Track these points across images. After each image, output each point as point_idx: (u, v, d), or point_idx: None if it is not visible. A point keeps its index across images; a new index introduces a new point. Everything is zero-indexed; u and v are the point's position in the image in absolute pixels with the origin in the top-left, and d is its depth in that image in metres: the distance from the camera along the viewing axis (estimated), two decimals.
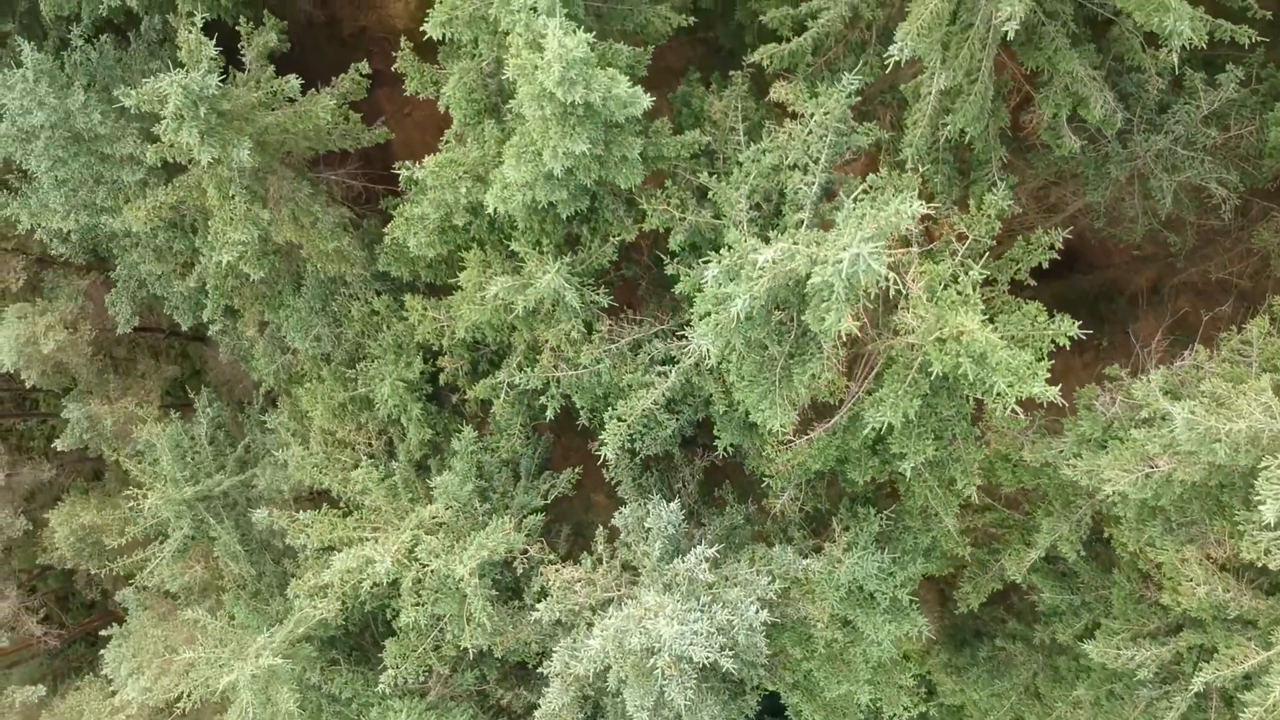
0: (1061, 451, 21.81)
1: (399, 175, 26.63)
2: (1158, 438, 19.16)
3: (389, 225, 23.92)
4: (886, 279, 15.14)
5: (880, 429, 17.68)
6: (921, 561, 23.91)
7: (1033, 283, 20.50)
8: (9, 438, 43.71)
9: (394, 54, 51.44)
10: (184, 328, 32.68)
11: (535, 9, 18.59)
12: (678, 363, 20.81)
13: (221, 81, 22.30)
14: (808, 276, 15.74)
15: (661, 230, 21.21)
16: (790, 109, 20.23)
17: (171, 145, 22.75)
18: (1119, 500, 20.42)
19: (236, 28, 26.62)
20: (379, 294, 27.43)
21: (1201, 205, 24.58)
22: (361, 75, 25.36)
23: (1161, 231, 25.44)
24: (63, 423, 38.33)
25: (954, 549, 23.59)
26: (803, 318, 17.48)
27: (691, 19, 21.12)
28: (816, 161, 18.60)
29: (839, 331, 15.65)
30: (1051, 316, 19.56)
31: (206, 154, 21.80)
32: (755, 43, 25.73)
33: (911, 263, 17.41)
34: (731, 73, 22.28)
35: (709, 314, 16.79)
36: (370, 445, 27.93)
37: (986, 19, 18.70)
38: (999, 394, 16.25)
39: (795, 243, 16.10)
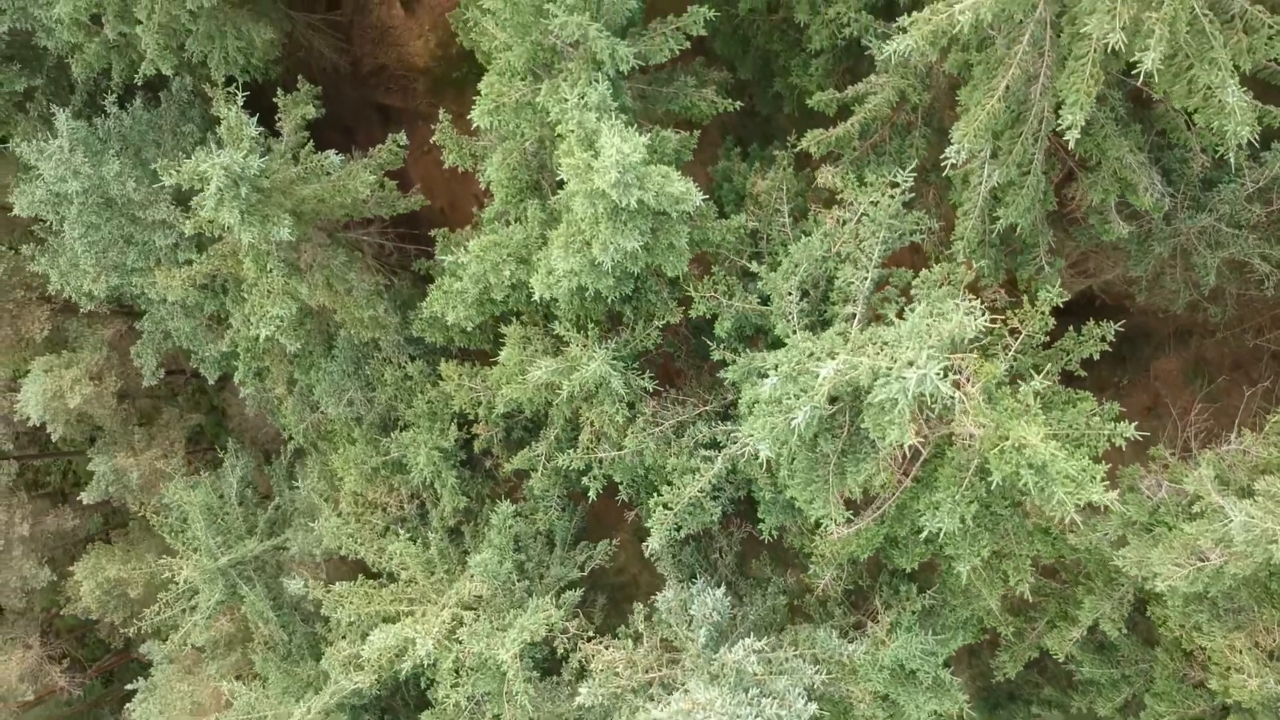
0: (1106, 534, 21.67)
1: (433, 238, 26.65)
2: (1210, 532, 19.01)
3: (427, 300, 23.77)
4: (952, 397, 15.00)
5: (937, 534, 17.54)
6: (961, 634, 23.81)
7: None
8: (28, 475, 43.69)
9: (413, 90, 51.05)
10: (210, 381, 32.60)
11: (587, 104, 18.50)
12: (723, 448, 20.67)
13: (261, 152, 22.21)
14: (868, 389, 15.62)
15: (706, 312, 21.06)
16: (839, 197, 20.11)
17: (210, 221, 22.62)
18: (1167, 591, 20.27)
19: (268, 88, 26.58)
20: (412, 359, 27.30)
21: (1243, 278, 24.45)
22: (399, 146, 25.20)
23: (1202, 301, 25.30)
24: (84, 463, 38.28)
25: (996, 626, 23.45)
26: (860, 421, 17.36)
27: (738, 104, 20.98)
28: (869, 257, 18.46)
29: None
30: (1100, 402, 19.57)
31: (248, 234, 21.66)
32: (795, 113, 25.68)
33: (968, 364, 17.27)
34: (776, 152, 22.15)
35: (763, 416, 16.65)
36: (402, 508, 27.80)
37: (1040, 114, 18.61)
38: (1059, 502, 16.13)
39: (856, 354, 15.96)
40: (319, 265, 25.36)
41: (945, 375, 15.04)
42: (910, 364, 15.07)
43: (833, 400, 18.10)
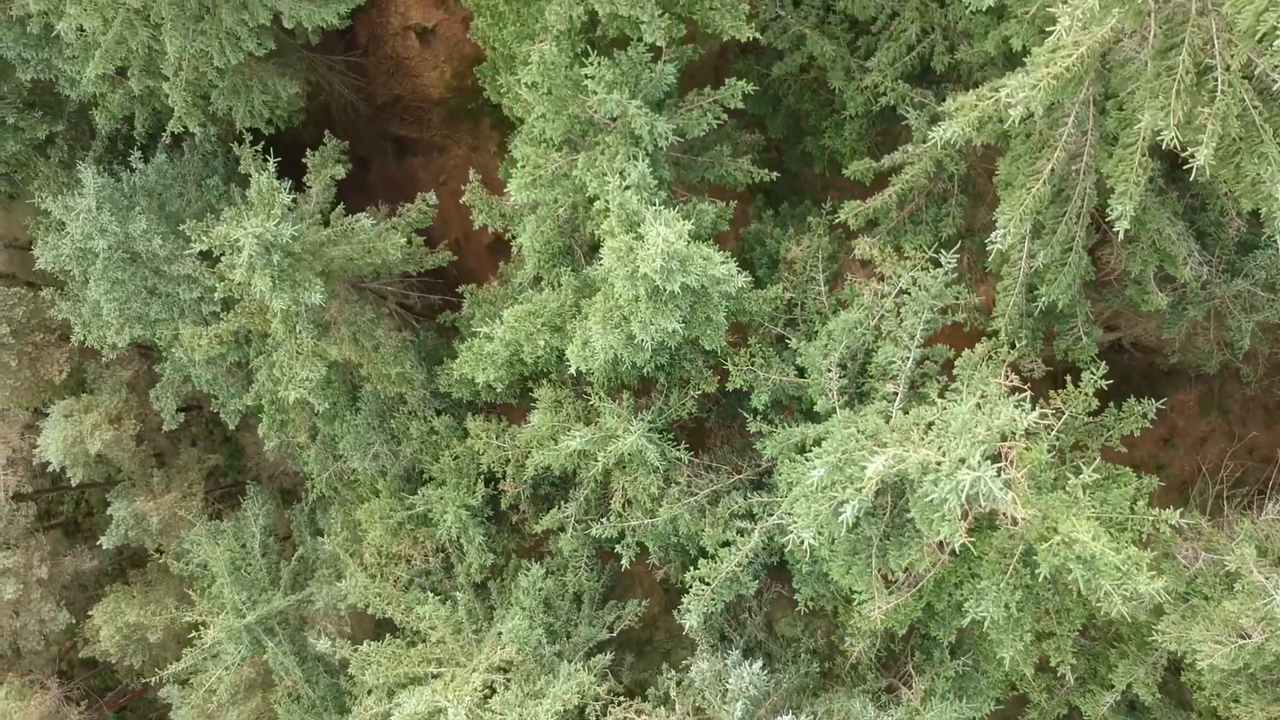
0: (1143, 603, 21.53)
1: (460, 294, 26.51)
2: (1252, 610, 18.91)
3: (457, 361, 23.64)
4: (1004, 498, 14.88)
5: (982, 621, 17.42)
6: (992, 697, 23.70)
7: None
8: (41, 505, 43.50)
9: (428, 121, 50.93)
10: (231, 426, 32.44)
11: (627, 183, 18.38)
12: (758, 518, 20.56)
13: (292, 219, 22.07)
14: (917, 482, 15.51)
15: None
16: (876, 269, 20.00)
17: (240, 285, 22.48)
18: (1207, 667, 20.15)
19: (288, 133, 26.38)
20: (438, 413, 27.17)
21: (1277, 340, 24.34)
22: (428, 205, 25.05)
23: (1234, 361, 25.20)
24: (97, 493, 38.14)
25: (1030, 692, 23.33)
26: (903, 503, 17.26)
27: (774, 174, 20.85)
28: (912, 337, 18.35)
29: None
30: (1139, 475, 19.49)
31: (279, 301, 21.53)
32: (825, 173, 25.56)
33: (1012, 449, 17.15)
34: (810, 219, 22.03)
35: (807, 503, 16.53)
36: (427, 561, 27.67)
37: (1082, 192, 18.50)
38: (1106, 594, 16.03)
39: (903, 445, 15.85)
40: (345, 321, 25.24)
41: (994, 466, 14.92)
42: (961, 461, 14.96)
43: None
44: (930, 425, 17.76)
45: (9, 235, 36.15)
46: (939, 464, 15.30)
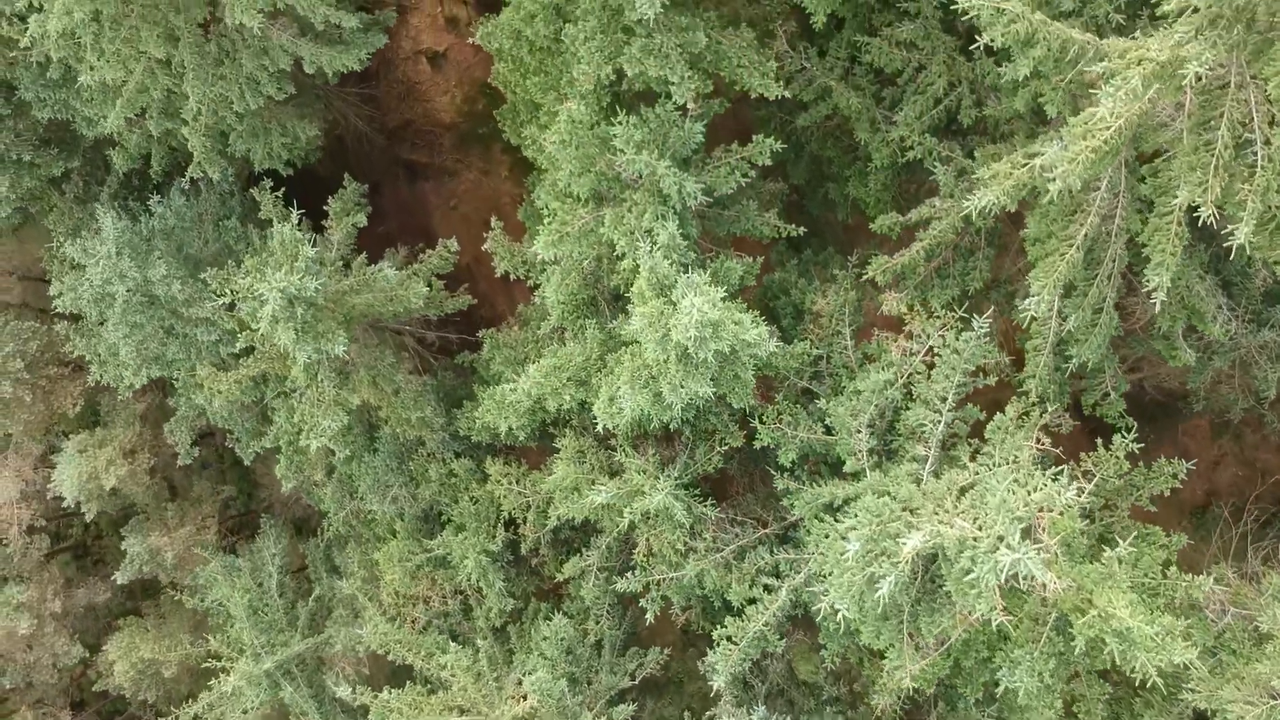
0: (1171, 658, 21.42)
1: (480, 339, 26.39)
2: None
3: (480, 410, 23.54)
4: (1044, 577, 14.78)
5: (1015, 689, 17.33)
6: None
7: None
8: (50, 529, 43.36)
9: (439, 145, 50.78)
10: (246, 462, 32.33)
11: (656, 243, 18.30)
12: (784, 575, 20.47)
13: (315, 271, 21.96)
14: (953, 557, 15.43)
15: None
16: (906, 329, 19.90)
17: (263, 337, 22.38)
18: None
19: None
20: (457, 455, 27.06)
21: None
22: (449, 252, 24.94)
23: (1258, 409, 25.12)
24: (110, 524, 38.01)
25: None
26: (936, 569, 17.18)
27: (801, 230, 20.75)
28: (943, 400, 18.26)
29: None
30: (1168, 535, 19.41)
31: (303, 354, 21.43)
32: (847, 218, 25.48)
33: (1045, 517, 17.06)
34: (836, 272, 21.95)
35: (842, 575, 16.44)
36: (445, 603, 27.57)
37: (1114, 255, 18.41)
38: (1141, 665, 15.95)
39: (939, 518, 15.76)
40: (365, 365, 25.15)
41: (1033, 546, 14.83)
42: (1000, 539, 14.88)
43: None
44: (963, 491, 17.68)
45: (23, 267, 36.04)
46: (976, 540, 15.22)
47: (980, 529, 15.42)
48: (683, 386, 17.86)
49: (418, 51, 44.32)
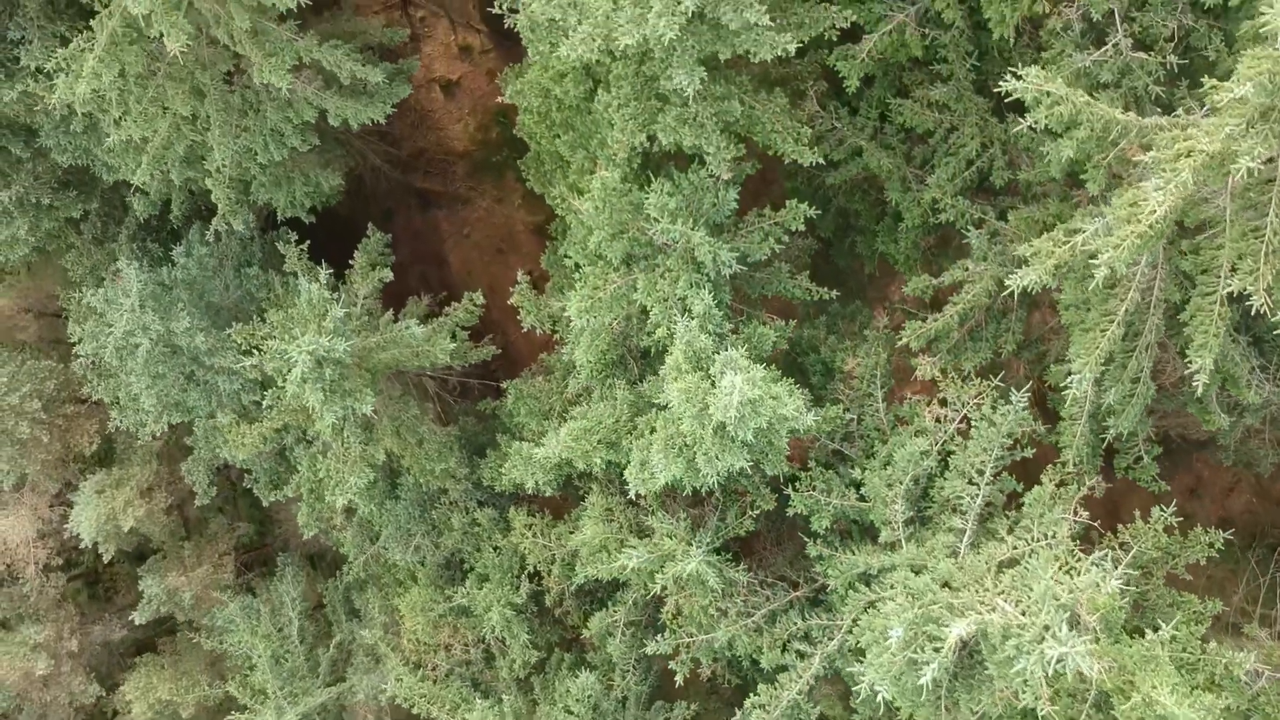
0: None
1: (503, 389, 26.25)
2: None
3: (506, 467, 23.42)
4: (1090, 668, 14.68)
5: None
6: None
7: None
8: (62, 556, 43.21)
9: (452, 174, 50.59)
10: (265, 503, 32.18)
11: (691, 313, 18.19)
12: (818, 642, 20.35)
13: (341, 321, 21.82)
14: (997, 644, 15.33)
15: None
16: (940, 394, 19.80)
17: (292, 397, 22.24)
18: None
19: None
20: (480, 504, 26.94)
21: None
22: (475, 305, 24.81)
23: None
24: (121, 553, 37.80)
25: None
26: (979, 653, 17.07)
27: (834, 292, 20.63)
28: (981, 473, 18.15)
29: None
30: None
31: (330, 415, 21.31)
32: (875, 272, 25.36)
33: (1084, 594, 16.95)
34: (867, 333, 21.83)
35: (882, 656, 16.34)
36: (467, 652, 27.45)
37: (1153, 326, 18.29)
38: None
39: (981, 601, 15.65)
40: (389, 416, 25.03)
41: (1079, 639, 14.73)
42: (1046, 629, 14.78)
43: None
44: (1002, 567, 17.59)
45: (39, 303, 35.91)
46: (1021, 628, 15.12)
47: (1024, 613, 15.33)
48: (719, 459, 17.75)
49: (431, 80, 44.26)
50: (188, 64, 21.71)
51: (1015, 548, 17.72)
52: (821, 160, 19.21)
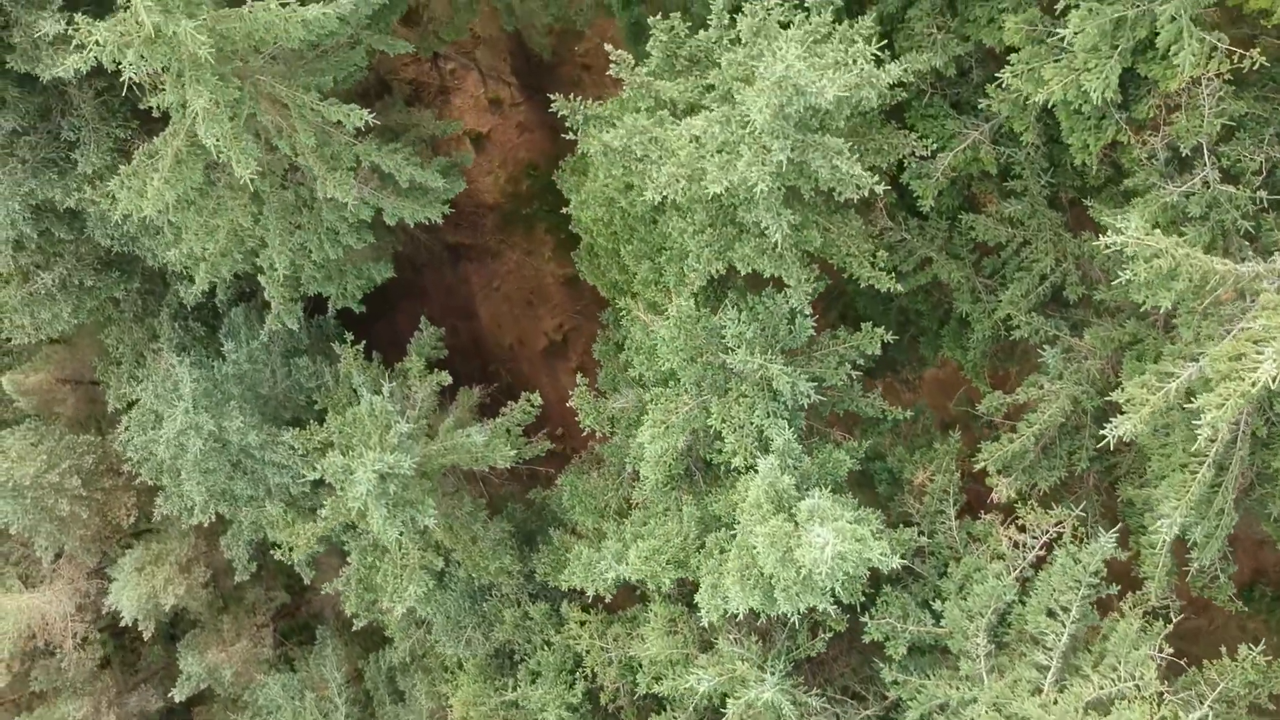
0: None
1: (559, 485, 25.93)
2: None
3: (565, 573, 23.13)
4: None
5: None
6: None
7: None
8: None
9: (483, 226, 50.31)
10: (306, 581, 31.92)
11: (773, 449, 17.91)
12: None
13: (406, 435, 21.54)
14: None
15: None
16: (1019, 521, 19.53)
17: (358, 516, 21.97)
18: None
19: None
20: (533, 598, 26.65)
21: None
22: (532, 406, 24.53)
23: None
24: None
25: None
26: None
27: (909, 412, 20.36)
28: (1066, 611, 17.87)
29: None
30: None
31: (393, 529, 21.05)
32: (937, 368, 25.03)
33: None
34: (938, 445, 21.55)
35: None
36: None
37: (1239, 460, 18.02)
38: None
39: None
40: (443, 512, 24.75)
41: None
42: None
43: None
44: (1089, 708, 17.32)
45: (75, 373, 35.63)
46: None
47: None
48: (799, 598, 17.48)
49: (461, 133, 44.04)
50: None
51: (1102, 687, 17.44)
52: (899, 288, 18.93)
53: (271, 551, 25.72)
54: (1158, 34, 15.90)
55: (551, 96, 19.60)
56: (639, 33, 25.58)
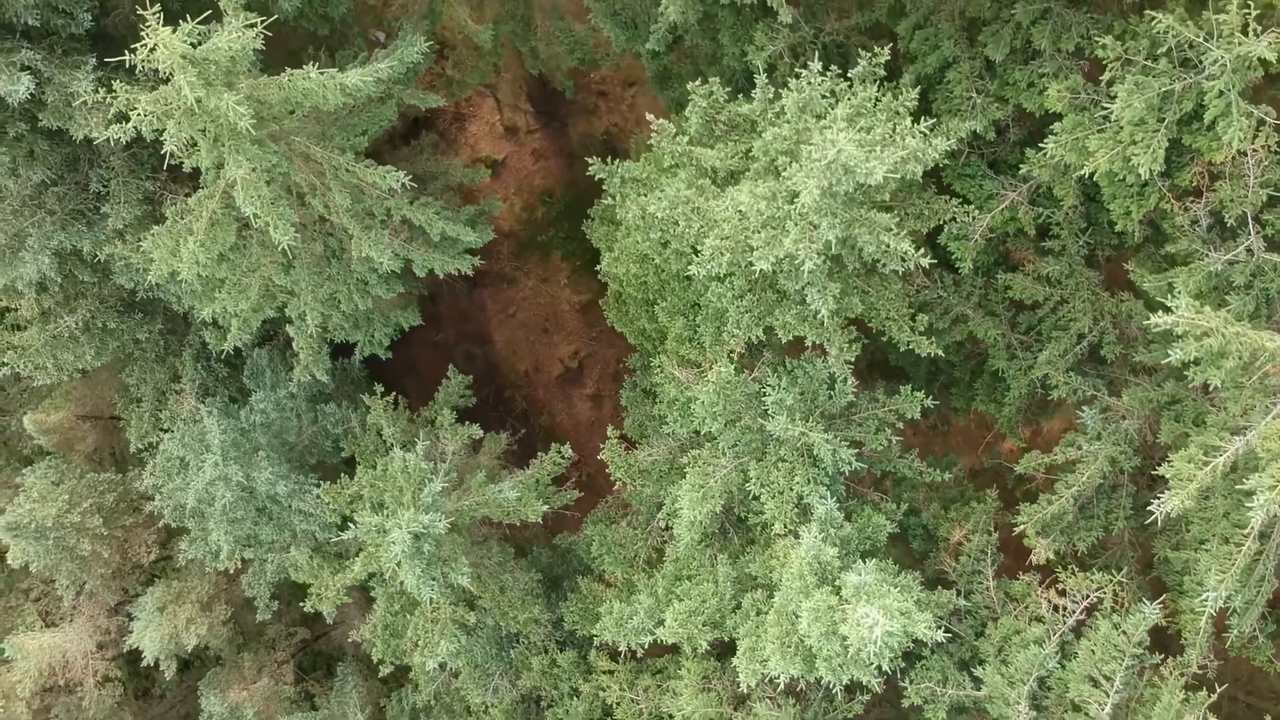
0: None
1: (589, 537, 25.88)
2: None
3: (597, 627, 23.04)
4: None
5: None
6: None
7: None
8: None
9: (497, 253, 50.16)
10: (328, 620, 31.82)
11: (813, 518, 17.84)
12: None
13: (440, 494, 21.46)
14: None
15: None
16: (1059, 585, 19.46)
17: (391, 577, 21.88)
18: None
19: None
20: (560, 646, 26.55)
21: None
22: (562, 457, 24.42)
23: None
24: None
25: None
26: None
27: (947, 474, 20.29)
28: (1110, 680, 17.80)
29: None
30: None
31: (428, 590, 20.97)
32: (970, 425, 24.95)
33: None
34: (974, 504, 21.48)
35: None
36: None
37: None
38: None
39: None
40: (471, 561, 24.64)
41: None
42: None
43: None
44: None
45: (95, 410, 35.54)
46: None
47: None
48: (842, 669, 17.41)
49: (476, 160, 44.01)
50: None
51: None
52: (939, 353, 18.85)
53: (301, 603, 25.57)
54: (1204, 106, 15.85)
55: (589, 160, 19.50)
56: (666, 79, 25.52)
